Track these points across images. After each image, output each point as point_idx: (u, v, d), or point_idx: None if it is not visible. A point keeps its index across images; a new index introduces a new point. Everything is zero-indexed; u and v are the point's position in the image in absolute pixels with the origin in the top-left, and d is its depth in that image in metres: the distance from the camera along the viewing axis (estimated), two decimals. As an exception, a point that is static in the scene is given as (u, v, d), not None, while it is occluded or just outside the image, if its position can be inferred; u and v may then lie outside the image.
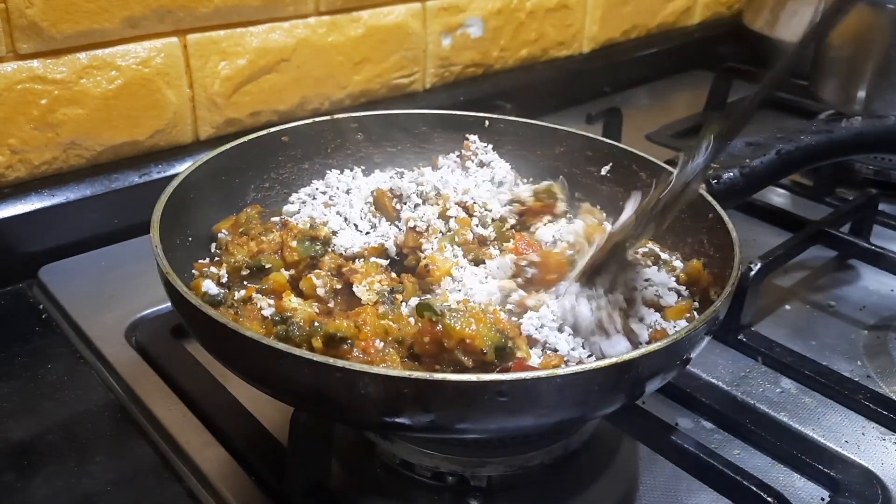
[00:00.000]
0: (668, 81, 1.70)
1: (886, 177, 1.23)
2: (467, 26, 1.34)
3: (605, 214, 0.86)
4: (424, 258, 0.74)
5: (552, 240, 0.79)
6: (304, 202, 0.83)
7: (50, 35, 0.93)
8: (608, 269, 0.69)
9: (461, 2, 1.31)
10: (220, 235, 0.79)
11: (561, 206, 0.85)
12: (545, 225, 0.82)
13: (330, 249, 0.75)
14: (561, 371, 0.54)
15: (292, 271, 0.73)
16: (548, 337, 0.66)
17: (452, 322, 0.61)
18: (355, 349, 0.62)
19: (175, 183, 0.74)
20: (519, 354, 0.63)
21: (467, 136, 0.92)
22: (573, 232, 0.78)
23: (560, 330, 0.67)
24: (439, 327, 0.61)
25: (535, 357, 0.65)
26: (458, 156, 0.91)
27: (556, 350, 0.65)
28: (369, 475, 0.71)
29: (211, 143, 1.07)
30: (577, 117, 1.24)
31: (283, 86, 1.15)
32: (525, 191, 0.84)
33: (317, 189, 0.85)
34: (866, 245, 1.01)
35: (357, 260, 0.74)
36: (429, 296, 0.70)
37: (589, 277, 0.69)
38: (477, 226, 0.78)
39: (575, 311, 0.66)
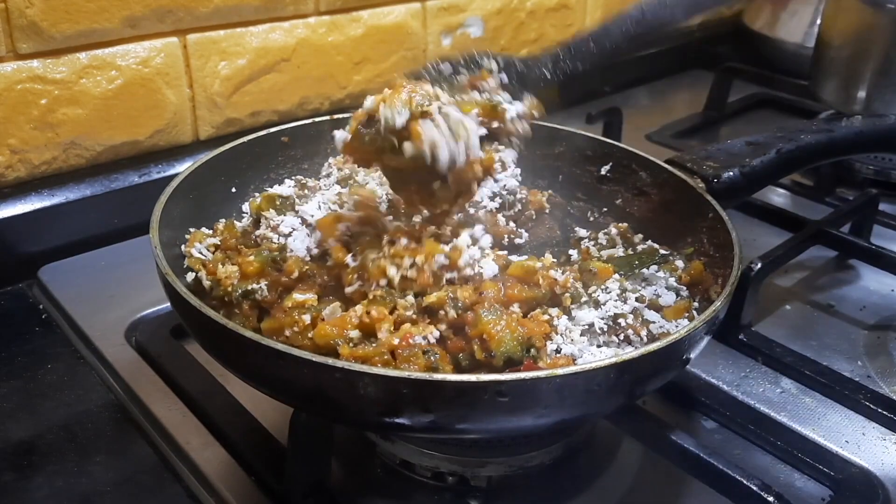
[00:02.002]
0: (668, 81, 1.70)
1: (886, 177, 1.22)
2: (467, 26, 1.34)
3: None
4: None
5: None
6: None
7: (50, 35, 0.93)
8: None
9: (461, 2, 1.31)
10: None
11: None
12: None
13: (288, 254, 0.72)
14: (560, 371, 0.54)
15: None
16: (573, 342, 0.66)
17: (485, 315, 0.62)
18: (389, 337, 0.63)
19: (175, 183, 0.74)
20: (539, 364, 0.63)
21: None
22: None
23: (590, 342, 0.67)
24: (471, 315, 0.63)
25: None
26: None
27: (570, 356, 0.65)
28: (369, 475, 0.71)
29: (211, 143, 1.08)
30: (577, 117, 1.24)
31: (283, 86, 1.15)
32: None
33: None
34: (866, 245, 1.01)
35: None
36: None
37: None
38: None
39: None
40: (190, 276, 0.73)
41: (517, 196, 0.85)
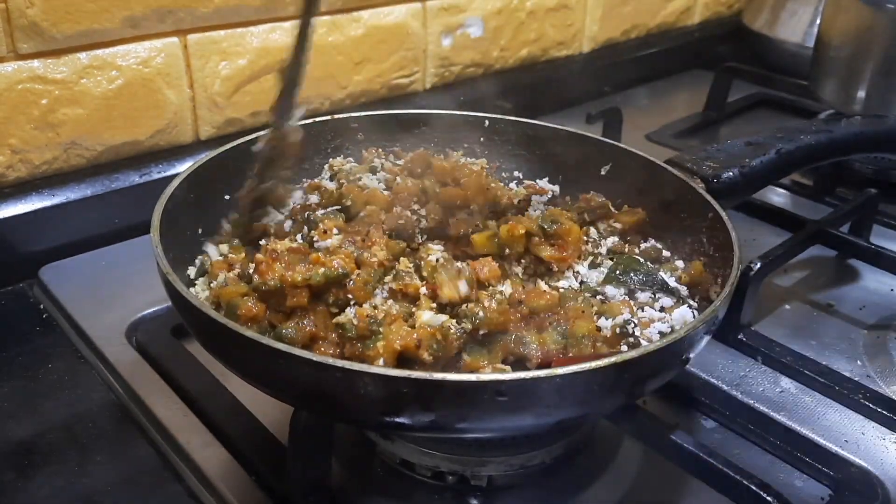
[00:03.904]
0: (668, 81, 1.70)
1: (886, 177, 1.22)
2: (467, 26, 1.34)
3: None
4: None
5: None
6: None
7: (50, 35, 0.93)
8: None
9: (461, 2, 1.31)
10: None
11: None
12: None
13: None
14: (560, 371, 0.54)
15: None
16: None
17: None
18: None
19: (175, 183, 0.74)
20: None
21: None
22: None
23: None
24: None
25: None
26: None
27: None
28: (369, 475, 0.71)
29: (211, 143, 1.08)
30: (577, 117, 1.24)
31: (283, 86, 1.15)
32: None
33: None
34: (866, 245, 1.01)
35: None
36: None
37: None
38: None
39: None
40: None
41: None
